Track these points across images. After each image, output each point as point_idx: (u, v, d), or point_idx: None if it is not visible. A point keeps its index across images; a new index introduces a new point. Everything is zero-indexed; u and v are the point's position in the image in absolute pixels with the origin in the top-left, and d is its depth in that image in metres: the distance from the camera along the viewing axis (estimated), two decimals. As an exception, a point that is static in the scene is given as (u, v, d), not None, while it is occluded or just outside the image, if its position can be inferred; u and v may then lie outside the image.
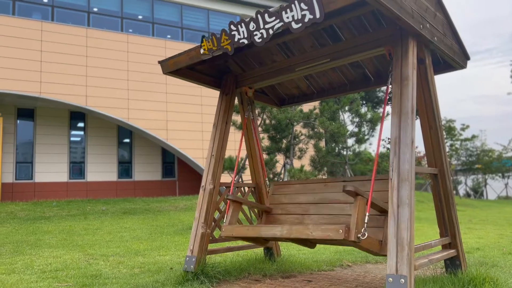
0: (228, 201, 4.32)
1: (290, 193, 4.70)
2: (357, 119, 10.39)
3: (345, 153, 10.86)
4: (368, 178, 4.11)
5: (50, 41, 15.01)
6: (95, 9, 16.82)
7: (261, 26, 3.50)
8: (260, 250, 5.69)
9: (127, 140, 18.39)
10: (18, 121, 16.24)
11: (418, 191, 23.14)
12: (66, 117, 17.03)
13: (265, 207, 4.79)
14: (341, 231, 3.02)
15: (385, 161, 14.27)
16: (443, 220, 3.93)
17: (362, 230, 3.10)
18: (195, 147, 17.22)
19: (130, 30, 17.43)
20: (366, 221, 3.15)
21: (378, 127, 10.65)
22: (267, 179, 5.37)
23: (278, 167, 10.66)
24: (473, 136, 28.35)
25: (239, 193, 5.02)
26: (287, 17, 3.27)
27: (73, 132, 17.27)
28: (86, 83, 15.35)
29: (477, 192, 30.55)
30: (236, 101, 5.32)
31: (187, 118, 17.30)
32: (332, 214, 4.16)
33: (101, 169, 17.43)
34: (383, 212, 3.54)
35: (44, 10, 15.97)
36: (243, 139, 5.25)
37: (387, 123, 8.18)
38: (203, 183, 4.62)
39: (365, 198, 3.21)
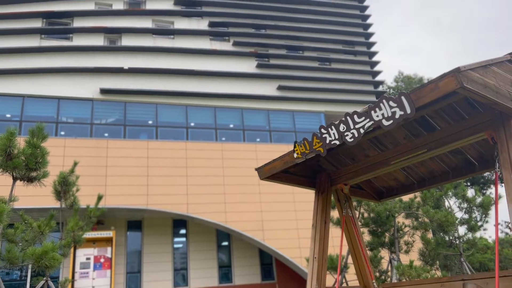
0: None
1: None
2: (465, 205, 9.57)
3: (458, 242, 9.87)
4: (491, 275, 3.66)
5: (154, 157, 16.64)
6: (192, 124, 18.58)
7: (351, 127, 3.58)
8: None
9: (225, 243, 18.70)
10: (128, 233, 17.52)
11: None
12: (170, 225, 18.02)
13: None
14: None
15: (506, 248, 12.58)
16: None
17: None
18: (292, 246, 16.89)
19: (223, 139, 18.76)
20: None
21: (491, 211, 9.65)
22: (374, 280, 5.03)
23: (384, 264, 9.96)
24: None
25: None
26: (377, 116, 3.33)
27: (176, 239, 18.08)
28: (187, 192, 16.39)
29: None
30: (332, 198, 5.28)
31: (281, 216, 17.32)
32: None
33: (202, 275, 17.67)
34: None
35: (150, 131, 18.02)
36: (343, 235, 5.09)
37: (501, 205, 7.41)
38: (308, 289, 4.46)
39: None
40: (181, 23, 20.80)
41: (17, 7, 18.29)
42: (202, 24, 21.09)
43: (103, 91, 17.61)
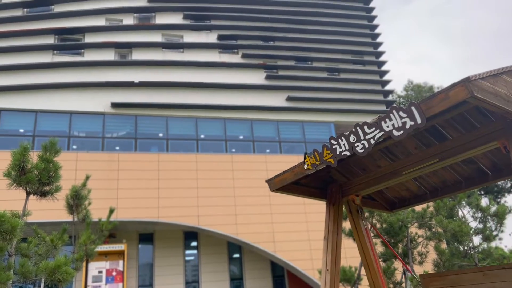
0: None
1: (447, 287, 4.32)
2: (479, 214, 9.40)
3: (472, 253, 9.69)
4: None
5: (165, 169, 16.71)
6: (202, 136, 18.66)
7: (362, 138, 3.57)
8: None
9: (237, 255, 18.61)
10: (140, 246, 17.53)
11: None
12: (181, 237, 18.00)
13: None
14: None
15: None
16: None
17: None
18: (304, 258, 16.74)
19: (233, 150, 18.78)
20: None
21: (506, 221, 9.47)
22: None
23: (398, 275, 9.81)
24: None
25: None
26: (387, 126, 3.32)
27: (187, 252, 18.04)
28: (197, 204, 16.40)
29: None
30: (344, 209, 5.24)
31: (293, 228, 17.21)
32: None
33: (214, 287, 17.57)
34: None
35: (160, 143, 18.13)
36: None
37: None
38: (321, 301, 4.41)
39: None
40: (190, 37, 21.03)
41: (30, 24, 18.68)
42: (211, 37, 21.30)
43: (114, 105, 17.80)
